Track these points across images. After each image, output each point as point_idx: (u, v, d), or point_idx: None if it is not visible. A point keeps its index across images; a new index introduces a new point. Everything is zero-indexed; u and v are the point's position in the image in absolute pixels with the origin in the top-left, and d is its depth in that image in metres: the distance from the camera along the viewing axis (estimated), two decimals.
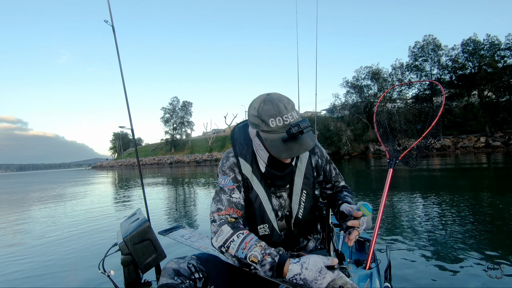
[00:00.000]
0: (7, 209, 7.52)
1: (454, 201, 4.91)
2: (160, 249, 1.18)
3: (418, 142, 1.59)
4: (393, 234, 3.36)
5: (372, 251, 1.40)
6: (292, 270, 0.80)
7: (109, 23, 1.51)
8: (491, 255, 2.59)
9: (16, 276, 2.64)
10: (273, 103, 0.92)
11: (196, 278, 0.93)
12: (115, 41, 1.54)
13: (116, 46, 1.53)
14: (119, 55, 1.52)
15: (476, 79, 28.23)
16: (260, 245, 0.87)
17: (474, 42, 29.22)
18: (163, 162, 53.61)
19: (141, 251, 1.12)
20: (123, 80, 1.56)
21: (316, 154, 1.15)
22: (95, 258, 2.90)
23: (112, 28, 1.53)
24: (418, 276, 2.26)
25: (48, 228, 4.38)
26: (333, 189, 1.24)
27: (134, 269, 1.13)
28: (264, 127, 0.92)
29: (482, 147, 25.81)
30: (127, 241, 1.08)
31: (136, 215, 1.23)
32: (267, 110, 0.91)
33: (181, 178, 15.43)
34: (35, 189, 13.79)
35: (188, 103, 61.47)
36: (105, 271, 1.08)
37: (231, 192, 1.02)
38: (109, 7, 1.49)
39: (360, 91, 35.41)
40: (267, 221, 1.05)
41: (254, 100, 0.98)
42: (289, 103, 0.94)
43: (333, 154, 33.34)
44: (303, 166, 1.09)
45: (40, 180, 23.18)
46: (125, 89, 1.57)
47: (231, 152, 1.10)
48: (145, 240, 1.14)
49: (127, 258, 1.09)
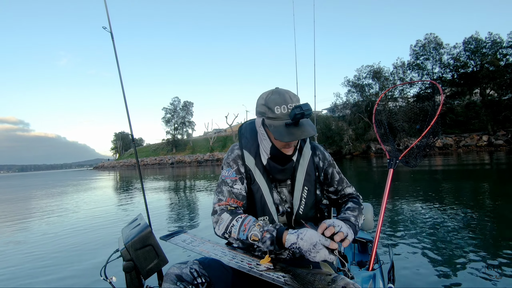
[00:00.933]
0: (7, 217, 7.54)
1: (457, 202, 4.88)
2: (162, 255, 1.17)
3: (417, 142, 1.60)
4: (396, 235, 3.34)
5: (375, 252, 1.40)
6: (289, 240, 0.87)
7: (107, 30, 1.51)
8: (494, 255, 2.56)
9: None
10: (280, 93, 0.99)
11: (199, 283, 0.93)
12: (114, 47, 1.54)
13: (115, 52, 1.53)
14: (118, 60, 1.51)
15: (478, 78, 28.08)
16: (259, 224, 0.94)
17: (476, 40, 29.06)
18: (164, 162, 53.71)
19: (143, 257, 1.11)
20: (122, 86, 1.56)
21: (317, 156, 1.16)
22: (96, 265, 2.86)
23: (111, 34, 1.53)
24: (421, 277, 2.24)
25: (46, 236, 4.31)
26: (337, 194, 1.22)
27: (136, 275, 1.12)
28: (270, 114, 0.98)
29: (484, 145, 25.68)
30: (129, 247, 1.07)
31: (137, 221, 1.22)
32: (274, 99, 0.98)
33: (182, 179, 15.44)
34: (36, 195, 13.85)
35: (189, 103, 61.55)
36: (107, 278, 1.08)
37: (233, 183, 1.07)
38: (107, 14, 1.50)
39: (361, 90, 35.30)
40: (268, 213, 1.07)
41: (264, 92, 1.06)
42: (295, 96, 1.01)
43: (335, 153, 33.29)
44: (305, 163, 1.11)
45: (40, 184, 23.28)
46: (124, 94, 1.57)
47: (236, 145, 1.16)
48: (147, 245, 1.13)
49: (129, 264, 1.08)
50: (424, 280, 2.18)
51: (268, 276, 0.88)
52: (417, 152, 1.65)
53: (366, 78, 35.32)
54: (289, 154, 1.05)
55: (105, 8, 1.45)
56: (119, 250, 1.10)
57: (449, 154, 22.47)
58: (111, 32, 1.51)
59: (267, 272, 0.90)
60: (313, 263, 1.02)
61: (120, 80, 1.53)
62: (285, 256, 1.09)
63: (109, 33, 1.49)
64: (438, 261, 2.54)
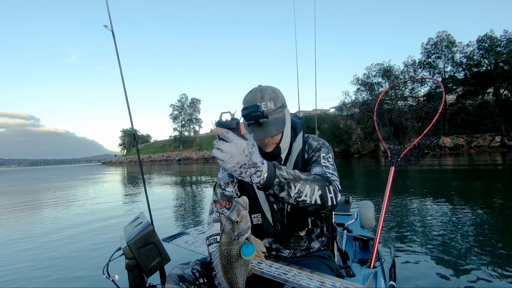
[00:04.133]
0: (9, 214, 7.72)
1: (464, 202, 4.77)
2: (164, 253, 1.17)
3: (419, 140, 1.60)
4: (398, 233, 3.30)
5: (376, 250, 1.40)
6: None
7: (108, 28, 1.50)
8: (497, 255, 2.52)
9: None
10: (253, 92, 0.99)
11: (201, 283, 0.94)
12: (115, 45, 1.54)
13: (116, 50, 1.53)
14: (119, 59, 1.51)
15: (492, 77, 27.32)
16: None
17: (490, 38, 28.24)
18: (171, 159, 54.23)
19: (145, 255, 1.11)
20: (124, 87, 1.56)
21: (305, 150, 1.10)
22: (99, 263, 2.81)
23: (112, 33, 1.52)
24: (423, 275, 2.23)
25: (49, 234, 4.22)
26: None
27: (139, 273, 1.13)
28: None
29: (497, 146, 25.04)
30: (131, 245, 1.07)
31: (139, 219, 1.22)
32: (246, 99, 0.99)
33: (188, 176, 15.54)
34: (45, 188, 14.15)
35: (196, 100, 61.88)
36: (109, 276, 1.08)
37: (225, 186, 1.09)
38: (108, 13, 1.50)
39: (370, 88, 34.81)
40: (260, 210, 1.05)
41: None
42: (270, 94, 0.98)
43: (342, 152, 32.99)
44: (293, 159, 1.07)
45: (50, 178, 23.78)
46: (126, 93, 1.57)
47: None
48: (149, 244, 1.13)
49: (131, 263, 1.09)
50: (426, 279, 2.16)
51: (270, 274, 0.89)
52: (418, 150, 1.65)
53: (375, 77, 34.82)
54: (268, 151, 1.03)
55: (107, 7, 1.45)
56: (121, 248, 1.10)
57: (460, 154, 21.99)
58: (112, 31, 1.51)
59: (268, 270, 0.91)
60: (312, 265, 1.01)
61: (122, 81, 1.53)
62: (286, 255, 1.09)
63: (110, 31, 1.49)
64: (440, 259, 2.50)
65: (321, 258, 1.08)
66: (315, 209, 0.83)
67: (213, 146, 0.69)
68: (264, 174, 0.72)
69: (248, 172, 0.69)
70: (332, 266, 1.08)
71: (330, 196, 0.83)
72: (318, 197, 0.80)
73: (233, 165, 0.67)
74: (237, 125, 0.71)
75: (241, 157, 0.67)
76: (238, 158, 0.67)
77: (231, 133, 0.68)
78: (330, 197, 0.82)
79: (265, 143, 1.02)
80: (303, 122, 1.16)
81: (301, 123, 1.14)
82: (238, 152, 0.67)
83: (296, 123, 1.12)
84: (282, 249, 1.09)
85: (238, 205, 0.67)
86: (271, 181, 0.73)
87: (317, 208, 0.82)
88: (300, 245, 1.09)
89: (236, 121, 0.71)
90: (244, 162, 0.68)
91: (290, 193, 0.76)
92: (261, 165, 0.71)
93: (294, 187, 0.77)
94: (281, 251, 1.09)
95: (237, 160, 0.67)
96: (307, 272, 0.92)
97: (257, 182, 0.72)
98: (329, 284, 0.84)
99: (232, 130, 0.69)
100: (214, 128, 0.72)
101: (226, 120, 0.72)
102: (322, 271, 0.95)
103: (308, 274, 0.90)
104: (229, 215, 0.67)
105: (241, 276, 0.71)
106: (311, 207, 0.81)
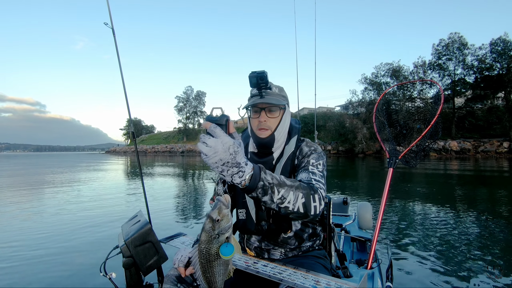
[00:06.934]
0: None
1: (465, 205, 4.72)
2: (162, 251, 1.15)
3: (417, 142, 1.60)
4: (396, 235, 3.30)
5: (373, 251, 1.40)
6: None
7: (109, 26, 1.48)
8: (493, 256, 2.53)
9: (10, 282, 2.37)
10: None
11: (198, 284, 0.93)
12: (115, 43, 1.52)
13: (116, 49, 1.51)
14: (119, 56, 1.50)
15: (504, 81, 26.82)
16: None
17: (504, 41, 27.63)
18: (175, 151, 54.55)
19: (142, 253, 1.10)
20: (124, 86, 1.55)
21: (296, 155, 1.09)
22: (96, 261, 2.74)
23: (112, 30, 1.50)
24: (420, 276, 2.24)
25: (44, 230, 3.94)
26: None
27: (136, 271, 1.12)
28: (250, 95, 1.09)
29: (505, 152, 24.67)
30: (129, 244, 1.06)
31: (137, 217, 1.21)
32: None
33: (191, 169, 15.60)
34: (45, 172, 14.33)
35: (202, 92, 61.90)
36: (106, 274, 1.08)
37: (218, 183, 1.15)
38: (109, 10, 1.48)
39: (378, 88, 34.43)
40: (245, 206, 1.05)
41: None
42: (278, 86, 1.09)
43: (347, 151, 32.85)
44: (283, 161, 1.07)
45: (54, 164, 24.07)
46: (125, 94, 1.56)
47: None
48: (147, 242, 1.12)
49: (128, 261, 1.08)
50: (422, 280, 2.17)
51: (265, 273, 0.90)
52: (417, 152, 1.64)
53: (384, 76, 34.41)
54: (262, 137, 1.03)
55: (107, 4, 1.43)
56: (119, 246, 1.09)
57: (466, 159, 21.72)
58: (112, 28, 1.49)
59: (263, 269, 0.93)
60: (307, 265, 1.01)
61: (122, 81, 1.52)
62: (278, 257, 1.09)
63: (110, 29, 1.47)
64: (437, 262, 2.51)
65: (316, 258, 1.08)
66: (297, 217, 0.82)
67: (199, 140, 0.68)
68: (246, 175, 0.71)
69: (230, 171, 0.68)
70: (327, 266, 1.08)
71: (314, 205, 0.81)
72: (301, 205, 0.78)
73: (215, 161, 0.66)
74: (226, 122, 0.70)
75: (225, 155, 0.66)
76: (222, 155, 0.66)
77: (219, 129, 0.67)
78: (314, 206, 0.81)
79: (262, 121, 1.02)
80: (300, 127, 1.16)
81: (298, 128, 1.14)
82: (222, 149, 0.66)
83: (292, 127, 1.13)
84: (271, 249, 1.09)
85: (220, 203, 0.67)
86: (256, 184, 0.72)
87: (298, 216, 0.81)
88: (290, 243, 1.08)
89: (226, 118, 0.70)
90: (227, 160, 0.67)
91: (273, 198, 0.75)
92: (244, 166, 0.70)
93: (277, 192, 0.75)
94: (272, 253, 1.09)
95: (221, 157, 0.66)
96: (302, 272, 0.93)
97: (238, 182, 0.71)
98: (324, 284, 0.84)
99: (221, 127, 0.69)
100: (204, 122, 0.72)
101: (216, 116, 0.71)
102: (317, 271, 0.96)
103: (303, 274, 0.91)
104: (210, 213, 0.66)
105: (220, 276, 0.71)
106: (293, 214, 0.80)
